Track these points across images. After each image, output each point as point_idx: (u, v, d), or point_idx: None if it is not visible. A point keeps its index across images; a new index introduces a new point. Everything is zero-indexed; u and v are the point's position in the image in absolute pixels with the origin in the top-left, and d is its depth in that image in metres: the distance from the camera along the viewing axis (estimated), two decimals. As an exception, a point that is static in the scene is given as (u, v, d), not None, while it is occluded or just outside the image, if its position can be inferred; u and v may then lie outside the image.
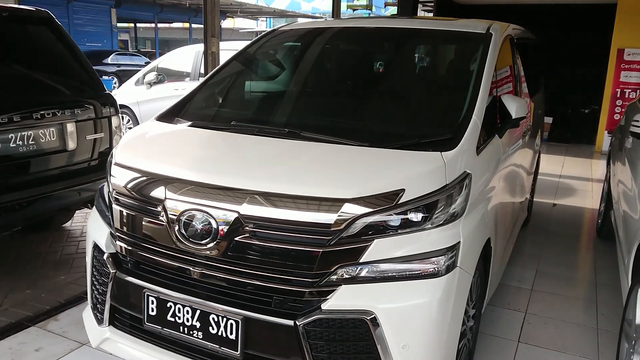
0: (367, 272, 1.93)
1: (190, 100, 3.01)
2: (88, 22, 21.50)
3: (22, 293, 3.42)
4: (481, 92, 2.55)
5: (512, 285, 3.79)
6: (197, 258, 2.08)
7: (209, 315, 2.04)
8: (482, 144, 2.49)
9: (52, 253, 4.11)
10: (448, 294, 1.97)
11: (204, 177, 2.11)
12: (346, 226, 1.90)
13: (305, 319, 1.91)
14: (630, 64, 9.25)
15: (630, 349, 2.33)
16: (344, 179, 2.03)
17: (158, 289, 2.16)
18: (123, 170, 2.34)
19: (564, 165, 8.26)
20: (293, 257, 1.94)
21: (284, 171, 2.13)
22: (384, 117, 2.75)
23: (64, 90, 3.81)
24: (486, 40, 2.91)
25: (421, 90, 3.03)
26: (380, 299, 1.91)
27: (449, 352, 2.09)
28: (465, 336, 2.45)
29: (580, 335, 3.15)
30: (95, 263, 2.42)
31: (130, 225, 2.26)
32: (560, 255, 4.44)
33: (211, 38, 4.36)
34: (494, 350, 2.94)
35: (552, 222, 5.40)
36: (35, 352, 2.76)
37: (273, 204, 1.96)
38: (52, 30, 3.84)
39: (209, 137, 2.56)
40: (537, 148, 4.81)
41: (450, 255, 1.99)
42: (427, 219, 1.98)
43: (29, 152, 3.42)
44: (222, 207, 2.01)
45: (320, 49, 3.33)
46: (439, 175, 2.05)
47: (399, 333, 1.91)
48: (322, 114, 2.84)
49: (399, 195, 1.95)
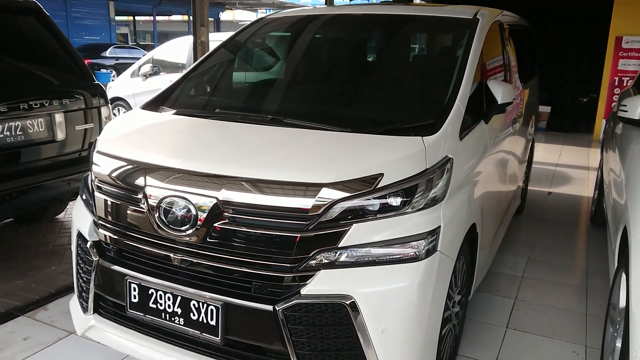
0: (346, 257, 1.92)
1: (176, 89, 3.01)
2: (86, 15, 21.45)
3: (12, 284, 3.42)
4: (465, 77, 2.54)
5: (503, 273, 3.79)
6: (177, 245, 2.08)
7: (190, 301, 2.05)
8: (467, 129, 2.48)
9: (44, 244, 4.12)
10: (428, 278, 1.97)
11: (183, 163, 2.11)
12: (324, 211, 1.90)
13: (285, 304, 1.91)
14: (628, 52, 9.19)
15: (614, 333, 2.33)
16: (323, 164, 2.02)
17: (140, 276, 2.16)
18: (105, 158, 2.33)
19: (562, 154, 8.23)
20: (272, 243, 1.94)
21: (263, 157, 2.12)
22: (368, 103, 2.73)
23: (52, 81, 3.80)
24: (473, 26, 2.89)
25: (406, 76, 3.01)
26: (359, 284, 1.90)
27: (430, 337, 2.09)
28: (450, 322, 2.45)
29: (569, 321, 3.15)
30: (80, 251, 2.43)
31: (112, 213, 2.26)
32: (553, 243, 4.43)
33: (200, 27, 4.34)
34: (482, 336, 2.94)
35: (547, 210, 5.39)
36: (24, 341, 2.77)
37: (251, 190, 1.96)
38: (40, 20, 3.82)
39: (192, 125, 2.56)
40: (530, 136, 4.79)
41: (430, 240, 1.99)
42: (406, 203, 1.97)
43: (18, 142, 3.42)
44: (201, 193, 2.00)
45: (307, 37, 3.31)
46: (418, 159, 2.04)
47: (379, 317, 1.91)
48: (306, 101, 2.83)
49: (377, 180, 1.94)
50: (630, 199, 2.40)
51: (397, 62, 3.16)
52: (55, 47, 3.86)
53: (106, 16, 22.55)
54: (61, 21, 18.76)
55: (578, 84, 10.21)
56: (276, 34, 3.49)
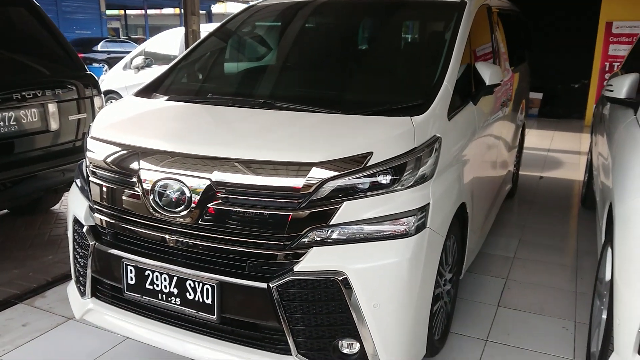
0: (338, 234, 1.97)
1: (167, 77, 3.03)
2: (77, 10, 21.30)
3: (9, 273, 3.46)
4: (453, 59, 2.57)
5: (494, 254, 3.85)
6: (172, 226, 2.11)
7: (186, 281, 2.09)
8: (455, 110, 2.52)
9: (40, 235, 4.15)
10: (418, 254, 2.02)
11: (176, 146, 2.14)
12: (315, 189, 1.94)
13: (278, 281, 1.95)
14: (618, 37, 9.25)
15: (601, 306, 2.39)
16: (313, 144, 2.06)
17: (136, 258, 2.19)
18: (99, 143, 2.36)
19: (553, 140, 8.30)
20: (265, 222, 1.98)
21: (254, 139, 2.16)
22: (358, 85, 2.77)
23: (44, 71, 3.82)
24: (460, 9, 2.92)
25: (395, 59, 3.05)
26: (351, 260, 1.95)
27: (422, 312, 2.14)
28: (442, 299, 2.51)
29: (558, 299, 3.21)
30: (76, 236, 2.46)
31: (107, 198, 2.30)
32: (544, 225, 4.50)
33: (191, 16, 4.35)
34: (474, 314, 3.00)
35: (539, 193, 5.46)
36: (22, 327, 2.81)
37: (243, 170, 1.99)
38: (30, 11, 3.83)
39: (184, 110, 2.59)
40: (520, 122, 4.83)
41: (419, 216, 2.03)
42: (396, 181, 2.02)
43: (12, 133, 3.44)
44: (195, 175, 2.04)
45: (297, 24, 3.34)
46: (407, 138, 2.08)
47: (370, 292, 1.95)
48: (297, 86, 2.87)
49: (367, 158, 1.98)
50: (615, 175, 2.45)
51: (386, 46, 3.20)
52: (46, 37, 3.87)
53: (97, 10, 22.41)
54: (52, 15, 18.51)
55: (569, 70, 10.26)
56: (266, 21, 3.51)
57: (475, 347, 2.70)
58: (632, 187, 2.11)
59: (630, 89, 2.81)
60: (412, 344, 2.11)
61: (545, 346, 2.71)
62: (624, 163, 2.39)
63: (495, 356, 2.62)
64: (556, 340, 2.77)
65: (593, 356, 2.41)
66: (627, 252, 1.97)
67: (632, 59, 4.22)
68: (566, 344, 2.73)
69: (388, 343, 2.02)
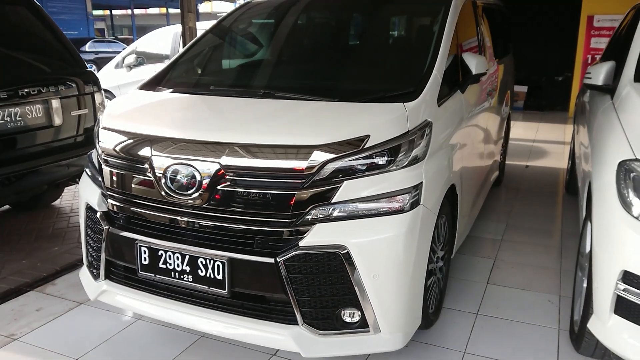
0: (339, 211, 2.13)
1: (170, 71, 3.17)
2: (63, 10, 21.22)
3: (18, 263, 3.58)
4: (441, 50, 2.74)
5: (483, 237, 4.04)
6: (183, 208, 2.26)
7: (197, 259, 2.24)
8: (444, 97, 2.69)
9: (44, 228, 4.26)
10: (413, 228, 2.18)
11: (186, 134, 2.29)
12: (317, 170, 2.10)
13: (285, 255, 2.11)
14: (599, 30, 9.49)
15: (582, 277, 2.58)
16: (314, 128, 2.23)
17: (149, 239, 2.34)
18: (111, 133, 2.50)
19: (538, 131, 8.53)
20: (271, 201, 2.13)
21: (259, 124, 2.31)
22: (353, 76, 2.94)
23: (47, 69, 3.93)
24: (447, 3, 3.09)
25: (386, 51, 3.22)
26: (351, 235, 2.11)
27: (417, 283, 2.31)
28: (435, 275, 2.68)
29: (544, 276, 3.40)
30: (89, 222, 2.60)
31: (120, 184, 2.44)
32: (530, 210, 4.70)
33: (188, 13, 4.49)
34: (465, 290, 3.18)
35: (525, 181, 5.66)
36: (36, 311, 2.94)
37: (251, 154, 2.15)
38: (30, 10, 3.94)
39: (190, 101, 2.73)
40: (505, 113, 5.02)
41: (414, 194, 2.20)
42: (391, 161, 2.18)
43: (17, 128, 3.55)
44: (205, 159, 2.19)
45: (291, 18, 3.49)
46: (401, 122, 2.25)
47: (370, 264, 2.12)
48: (295, 77, 3.03)
49: (364, 141, 2.14)
50: (594, 155, 2.64)
51: (379, 38, 3.37)
52: (47, 35, 3.99)
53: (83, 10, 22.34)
54: (38, 16, 18.46)
55: (553, 63, 10.51)
56: (263, 16, 3.66)
57: (467, 319, 2.87)
58: (607, 164, 2.29)
59: (607, 76, 3.00)
60: (408, 313, 2.28)
61: (532, 318, 2.89)
62: (601, 143, 2.58)
63: (485, 327, 2.80)
64: (542, 312, 2.95)
65: (575, 323, 2.60)
66: (603, 222, 2.16)
67: (609, 50, 4.42)
68: (551, 316, 2.92)
69: (387, 312, 2.18)
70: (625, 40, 3.34)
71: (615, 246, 2.08)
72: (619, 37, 4.18)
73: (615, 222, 2.10)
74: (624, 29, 3.96)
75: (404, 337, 2.27)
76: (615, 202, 2.11)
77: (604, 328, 2.12)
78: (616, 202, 2.11)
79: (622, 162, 2.17)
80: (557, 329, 2.79)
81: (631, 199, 2.07)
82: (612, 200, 2.12)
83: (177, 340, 2.67)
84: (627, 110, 2.54)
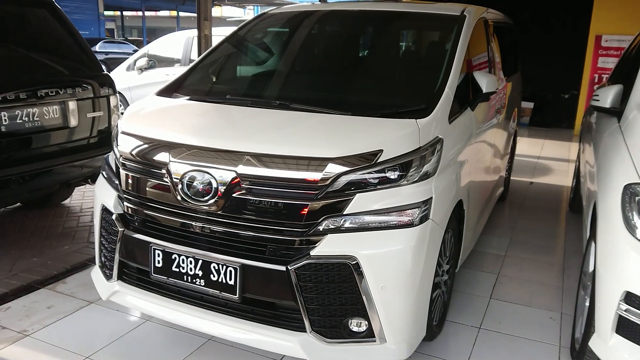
0: (350, 223, 2.19)
1: (186, 78, 3.24)
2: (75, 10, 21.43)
3: (29, 260, 3.64)
4: (454, 68, 2.81)
5: (486, 252, 4.09)
6: (198, 214, 2.32)
7: (210, 264, 2.30)
8: (455, 115, 2.76)
9: (54, 227, 4.33)
10: (421, 242, 2.24)
11: (204, 141, 2.35)
12: (330, 182, 2.16)
13: (296, 264, 2.16)
14: (607, 50, 9.58)
15: (585, 296, 2.63)
16: (329, 141, 2.29)
17: (163, 243, 2.40)
18: (129, 138, 2.57)
19: (543, 148, 8.58)
20: (285, 211, 2.19)
21: (276, 135, 2.38)
22: (366, 90, 3.01)
23: (65, 71, 4.01)
24: (460, 22, 3.17)
25: (400, 67, 3.29)
26: (362, 246, 2.17)
27: (423, 295, 2.36)
28: (440, 288, 2.73)
29: (546, 293, 3.45)
30: (104, 224, 2.66)
31: (136, 188, 2.50)
32: (534, 226, 4.75)
33: (204, 21, 4.58)
34: (468, 304, 3.23)
35: (529, 197, 5.72)
36: (47, 309, 3.00)
37: (267, 164, 2.21)
38: (52, 13, 4.03)
39: (207, 109, 2.80)
40: (512, 129, 5.09)
41: (423, 209, 2.26)
42: (402, 176, 2.24)
43: (34, 128, 3.63)
44: (222, 167, 2.26)
45: (307, 30, 3.57)
46: (413, 138, 2.31)
47: (378, 275, 2.17)
48: (309, 89, 3.10)
49: (377, 155, 2.21)
50: (600, 177, 2.70)
51: (393, 54, 3.44)
52: (66, 38, 4.07)
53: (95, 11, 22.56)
54: (50, 15, 18.66)
55: (560, 81, 10.59)
56: (279, 27, 3.74)
57: (470, 333, 2.92)
58: (612, 186, 2.35)
59: (615, 99, 3.06)
60: (414, 325, 2.33)
61: (534, 334, 2.94)
62: (607, 165, 2.64)
63: (487, 342, 2.85)
64: (544, 328, 3.00)
65: (577, 341, 2.64)
66: (607, 243, 2.21)
67: (617, 71, 4.49)
68: (553, 332, 2.97)
69: (393, 322, 2.23)
70: (634, 63, 3.40)
71: (619, 267, 2.14)
72: (627, 58, 4.25)
73: (619, 244, 2.15)
74: (634, 50, 4.03)
75: (409, 347, 2.33)
76: (620, 224, 2.17)
77: (605, 347, 2.17)
78: (620, 224, 2.17)
79: (628, 185, 2.23)
80: (558, 346, 2.83)
81: (635, 222, 2.12)
82: (617, 222, 2.18)
83: (184, 343, 2.72)
84: (633, 134, 2.60)
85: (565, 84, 10.57)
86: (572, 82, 10.22)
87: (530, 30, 9.91)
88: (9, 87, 3.43)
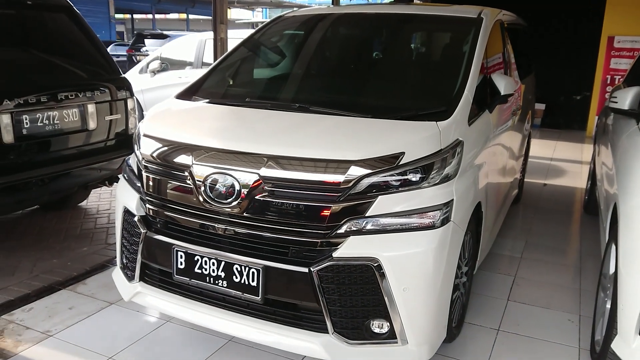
0: (372, 225, 2.20)
1: (204, 82, 3.27)
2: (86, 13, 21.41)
3: (49, 262, 3.69)
4: (472, 70, 2.82)
5: (503, 254, 4.09)
6: (221, 216, 2.35)
7: (233, 265, 2.32)
8: (474, 117, 2.77)
9: (72, 228, 4.38)
10: (443, 244, 2.25)
11: (227, 144, 2.38)
12: (353, 185, 2.18)
13: (318, 265, 2.18)
14: (620, 51, 9.52)
15: (605, 298, 2.62)
16: (351, 144, 2.30)
17: (186, 244, 2.43)
18: (151, 140, 2.60)
19: (556, 149, 8.55)
20: (307, 213, 2.21)
21: (298, 138, 2.40)
22: (386, 93, 3.02)
23: (83, 74, 4.06)
24: (477, 24, 3.17)
25: (418, 69, 3.30)
26: (384, 248, 2.18)
27: (444, 296, 2.37)
28: (459, 290, 2.74)
29: (563, 295, 3.44)
30: (126, 226, 2.69)
31: (159, 190, 2.53)
32: (548, 229, 4.73)
33: (220, 25, 4.61)
34: (486, 306, 3.23)
35: (543, 199, 5.70)
36: (69, 310, 3.04)
37: (289, 167, 2.23)
38: (70, 17, 4.08)
39: (226, 112, 2.83)
40: (526, 131, 5.08)
41: (445, 211, 2.27)
42: (424, 178, 2.26)
43: (54, 131, 3.67)
44: (245, 170, 2.28)
45: (324, 33, 3.59)
46: (434, 141, 2.32)
47: (400, 277, 2.18)
48: (329, 91, 3.11)
49: (399, 158, 2.22)
50: (619, 179, 2.69)
51: (411, 56, 3.46)
52: (85, 42, 4.12)
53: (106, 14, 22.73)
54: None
55: (572, 82, 10.54)
56: (296, 30, 3.76)
57: (489, 335, 2.93)
58: (634, 188, 2.35)
59: (633, 101, 3.06)
60: (435, 326, 2.34)
61: (553, 336, 2.94)
62: (627, 168, 2.63)
63: (506, 343, 2.85)
64: (562, 331, 3.00)
65: (597, 343, 2.64)
66: (630, 245, 2.21)
67: (634, 73, 4.47)
68: (572, 334, 2.96)
69: (415, 324, 2.24)
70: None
71: (642, 269, 2.13)
72: (643, 61, 4.23)
73: (641, 246, 2.14)
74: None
75: (430, 349, 2.34)
76: (642, 226, 2.16)
77: (629, 349, 2.16)
78: (643, 226, 2.16)
79: (650, 187, 2.23)
80: (577, 348, 2.83)
81: (658, 224, 2.12)
82: (638, 225, 2.17)
83: (205, 343, 2.75)
84: (654, 136, 2.59)
85: (577, 85, 10.52)
86: (584, 83, 10.16)
87: (542, 32, 9.88)
88: (30, 91, 3.48)
